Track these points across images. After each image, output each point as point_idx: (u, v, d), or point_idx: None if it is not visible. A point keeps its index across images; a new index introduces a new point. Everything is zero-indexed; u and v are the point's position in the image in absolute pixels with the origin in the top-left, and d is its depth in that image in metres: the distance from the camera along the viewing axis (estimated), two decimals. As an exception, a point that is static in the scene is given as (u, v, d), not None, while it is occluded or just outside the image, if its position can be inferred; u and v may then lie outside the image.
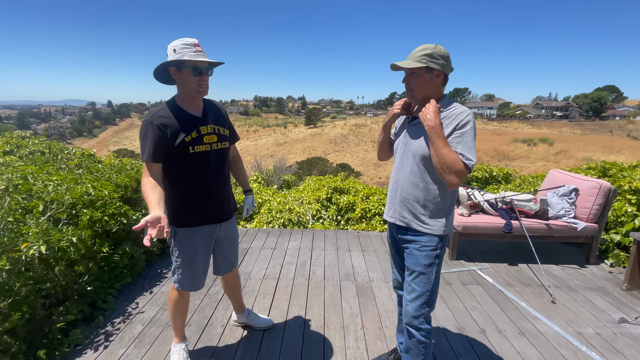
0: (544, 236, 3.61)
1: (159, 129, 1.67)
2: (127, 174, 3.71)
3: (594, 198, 3.51)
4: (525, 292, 3.09)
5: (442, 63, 1.57)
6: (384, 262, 3.68)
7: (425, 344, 1.74)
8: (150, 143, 1.67)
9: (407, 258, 1.76)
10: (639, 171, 4.37)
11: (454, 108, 1.61)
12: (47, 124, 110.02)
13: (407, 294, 1.75)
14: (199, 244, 1.92)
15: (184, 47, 1.65)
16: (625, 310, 2.83)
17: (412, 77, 1.62)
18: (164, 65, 1.70)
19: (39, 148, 4.39)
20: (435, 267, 1.71)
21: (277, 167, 12.26)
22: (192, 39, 1.68)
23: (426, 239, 1.69)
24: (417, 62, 1.57)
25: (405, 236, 1.76)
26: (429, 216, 1.68)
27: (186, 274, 1.94)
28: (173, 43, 1.67)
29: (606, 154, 43.77)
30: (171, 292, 2.05)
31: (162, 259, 3.59)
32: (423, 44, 1.60)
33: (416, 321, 1.72)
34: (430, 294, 1.72)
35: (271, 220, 5.11)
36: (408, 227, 1.73)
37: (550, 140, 52.77)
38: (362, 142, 66.78)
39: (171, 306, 2.05)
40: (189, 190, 1.82)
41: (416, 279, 1.72)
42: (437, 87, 1.63)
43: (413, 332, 1.74)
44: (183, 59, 1.64)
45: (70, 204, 2.71)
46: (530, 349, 2.33)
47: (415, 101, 1.69)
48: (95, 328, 2.44)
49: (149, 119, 1.69)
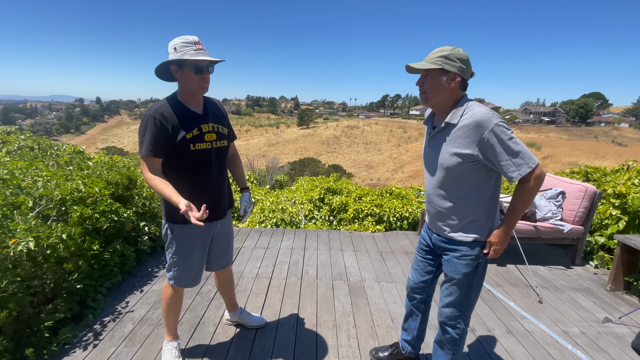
0: (531, 237, 3.69)
1: (161, 124, 1.67)
2: (119, 171, 3.66)
3: (580, 201, 3.61)
4: (513, 292, 3.16)
5: (460, 66, 1.47)
6: (376, 262, 3.71)
7: (458, 341, 1.75)
8: (152, 138, 1.66)
9: (445, 265, 1.72)
10: (621, 176, 4.51)
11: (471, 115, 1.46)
12: (33, 120, 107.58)
13: (444, 296, 1.74)
14: (196, 240, 1.92)
15: (184, 46, 1.64)
16: (610, 310, 2.91)
17: (426, 79, 1.53)
18: (165, 63, 1.69)
19: (28, 144, 4.30)
20: (475, 274, 1.65)
21: (270, 167, 12.23)
22: (192, 37, 1.67)
23: (466, 248, 1.62)
24: (432, 63, 1.49)
25: (444, 244, 1.70)
26: (464, 226, 1.61)
27: (182, 270, 1.94)
28: (174, 41, 1.66)
29: (591, 159, 44.89)
30: (165, 289, 2.03)
31: (153, 258, 3.55)
32: (441, 46, 1.52)
33: (452, 322, 1.73)
34: (470, 299, 1.69)
35: (264, 220, 5.11)
36: (447, 237, 1.67)
37: (537, 144, 53.88)
38: (354, 144, 67.08)
39: (164, 303, 2.04)
40: (187, 187, 1.81)
41: (454, 285, 1.68)
42: (453, 91, 1.52)
43: (448, 329, 1.75)
44: (184, 58, 1.63)
45: (59, 200, 2.67)
46: (518, 347, 2.38)
47: (430, 105, 1.62)
48: (85, 327, 2.40)
49: (150, 114, 1.67)
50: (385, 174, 48.60)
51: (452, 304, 1.71)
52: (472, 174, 1.53)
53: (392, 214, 4.91)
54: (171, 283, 1.98)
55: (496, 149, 1.43)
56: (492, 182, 1.57)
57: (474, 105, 1.49)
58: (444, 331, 1.78)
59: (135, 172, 3.96)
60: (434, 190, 1.66)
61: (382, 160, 56.33)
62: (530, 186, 1.45)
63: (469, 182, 1.55)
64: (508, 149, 1.42)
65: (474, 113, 1.45)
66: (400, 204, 5.07)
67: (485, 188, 1.56)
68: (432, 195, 1.68)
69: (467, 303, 1.70)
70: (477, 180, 1.54)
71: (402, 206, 5.01)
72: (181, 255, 1.91)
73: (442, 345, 1.83)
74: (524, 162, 1.42)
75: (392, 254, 3.95)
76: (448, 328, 1.75)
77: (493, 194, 1.59)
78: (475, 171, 1.53)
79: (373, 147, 64.43)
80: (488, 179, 1.55)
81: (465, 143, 1.47)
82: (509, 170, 1.43)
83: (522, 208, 1.50)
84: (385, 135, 70.70)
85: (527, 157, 1.42)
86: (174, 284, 1.97)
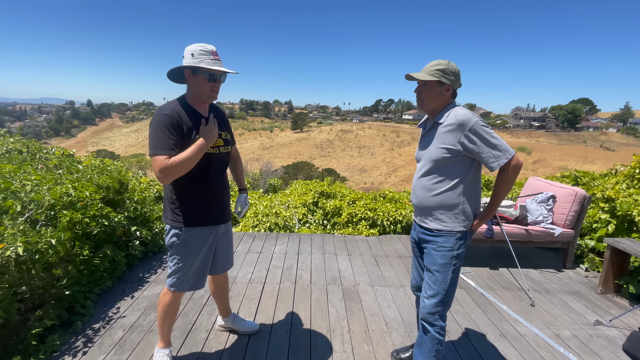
0: (523, 241, 3.73)
1: (177, 123, 1.68)
2: (110, 174, 3.61)
3: (570, 205, 3.66)
4: (506, 295, 3.18)
5: (452, 79, 1.72)
6: (370, 266, 3.71)
7: (439, 341, 1.83)
8: (169, 135, 1.65)
9: (425, 257, 1.89)
10: (610, 180, 4.59)
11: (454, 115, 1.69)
12: (22, 123, 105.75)
13: (425, 291, 1.86)
14: (204, 242, 1.92)
15: (202, 54, 1.68)
16: (600, 312, 2.95)
17: (424, 88, 1.76)
18: (180, 68, 1.73)
19: (17, 147, 4.22)
20: (451, 267, 1.79)
21: (264, 171, 12.20)
22: (210, 46, 1.72)
23: (443, 240, 1.79)
24: (431, 75, 1.71)
25: (424, 236, 1.88)
26: (443, 217, 1.78)
27: (187, 274, 1.92)
28: (192, 47, 1.70)
29: (580, 163, 45.71)
30: (164, 295, 1.99)
31: (144, 263, 3.50)
32: (437, 59, 1.74)
33: (431, 317, 1.82)
34: (446, 293, 1.81)
35: (257, 224, 5.07)
36: (426, 227, 1.85)
37: (528, 149, 54.68)
38: (348, 148, 67.28)
39: (161, 310, 2.00)
40: (194, 191, 1.83)
41: (433, 277, 1.82)
42: (445, 99, 1.76)
43: (428, 327, 1.84)
44: (199, 66, 1.67)
45: (49, 205, 2.61)
46: (511, 350, 2.39)
47: (425, 110, 1.83)
48: (73, 334, 2.35)
49: (166, 113, 1.67)
50: (378, 177, 48.81)
51: (430, 297, 1.84)
52: (453, 167, 1.73)
53: (386, 217, 4.92)
54: (172, 289, 1.95)
55: (477, 143, 1.65)
56: (470, 178, 1.76)
57: (457, 108, 1.74)
58: (425, 330, 1.87)
59: (126, 175, 3.91)
60: (418, 182, 1.86)
61: (376, 164, 56.57)
62: (509, 174, 1.68)
63: (451, 174, 1.74)
64: (488, 143, 1.64)
65: (457, 114, 1.69)
66: (393, 208, 5.09)
67: (464, 182, 1.75)
68: (417, 187, 1.87)
69: (443, 298, 1.81)
70: (458, 174, 1.74)
71: (395, 210, 5.03)
72: (188, 259, 1.89)
73: (423, 347, 1.89)
74: (501, 154, 1.64)
75: (386, 257, 3.96)
76: (427, 326, 1.84)
77: (470, 188, 1.77)
78: (456, 164, 1.73)
79: (366, 151, 64.71)
80: (467, 173, 1.75)
81: (450, 138, 1.69)
82: (490, 161, 1.65)
83: (503, 193, 1.74)
84: (378, 140, 71.08)
85: (504, 149, 1.64)
86: (175, 290, 1.94)
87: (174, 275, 1.92)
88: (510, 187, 1.72)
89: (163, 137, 1.64)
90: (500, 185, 1.73)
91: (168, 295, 1.98)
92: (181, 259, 1.89)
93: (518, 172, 1.68)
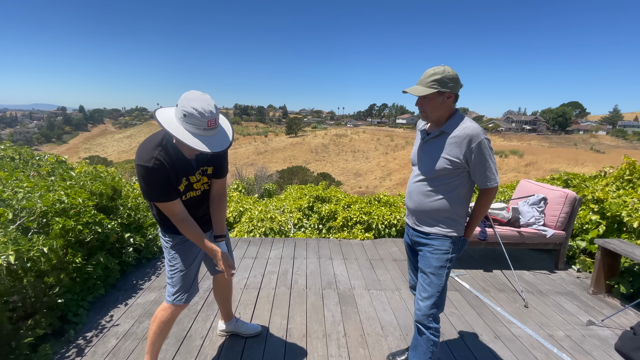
0: (516, 243, 3.77)
1: (164, 177, 1.61)
2: (103, 181, 3.58)
3: (561, 207, 3.72)
4: (500, 297, 3.21)
5: (452, 85, 1.67)
6: (366, 270, 3.71)
7: (434, 342, 1.84)
8: (163, 184, 1.61)
9: (420, 260, 1.91)
10: (599, 182, 4.67)
11: (463, 128, 1.69)
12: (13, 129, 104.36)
13: (419, 294, 1.88)
14: (196, 248, 1.91)
15: (194, 118, 1.46)
16: (593, 313, 2.99)
17: (425, 101, 1.72)
18: (162, 126, 1.51)
19: (8, 153, 4.17)
20: (446, 270, 1.82)
21: (258, 175, 12.16)
22: (209, 107, 1.48)
23: (438, 243, 1.82)
24: (428, 87, 1.66)
25: (419, 239, 1.90)
26: (439, 222, 1.81)
27: (186, 280, 1.89)
28: (188, 104, 1.46)
29: (571, 166, 46.33)
30: (162, 312, 1.89)
31: (138, 270, 3.47)
32: (432, 67, 1.69)
33: (426, 320, 1.83)
34: (440, 295, 1.83)
35: (252, 229, 5.06)
36: (421, 231, 1.87)
37: (520, 152, 55.29)
38: (343, 152, 67.46)
39: (157, 327, 1.89)
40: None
41: (428, 279, 1.84)
42: (448, 107, 1.73)
43: (423, 329, 1.85)
44: (178, 138, 1.47)
45: (41, 212, 2.59)
46: (506, 352, 2.41)
47: (430, 121, 1.81)
48: (66, 343, 2.32)
49: (149, 166, 1.56)
50: (373, 181, 48.94)
51: (425, 299, 1.84)
52: (454, 177, 1.76)
53: (381, 221, 4.94)
54: (176, 302, 1.87)
55: (477, 160, 1.69)
56: (467, 187, 1.81)
57: (467, 120, 1.73)
58: (420, 332, 1.88)
59: (120, 182, 3.89)
60: (417, 187, 1.86)
61: (370, 168, 56.76)
62: (489, 198, 1.79)
63: (450, 184, 1.77)
64: (486, 163, 1.70)
65: (467, 127, 1.69)
66: (388, 212, 5.11)
67: (461, 191, 1.79)
68: (414, 192, 1.88)
69: (437, 300, 1.83)
70: (457, 184, 1.77)
71: (390, 213, 5.05)
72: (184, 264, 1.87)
73: (418, 349, 1.90)
74: (492, 177, 1.73)
75: (381, 261, 3.97)
76: (422, 328, 1.85)
77: (466, 197, 1.82)
78: (457, 175, 1.75)
79: (361, 155, 64.94)
80: (465, 183, 1.79)
81: (456, 151, 1.70)
82: (480, 180, 1.74)
83: (482, 215, 1.85)
84: (372, 144, 71.41)
85: (495, 174, 1.72)
86: (178, 302, 1.87)
87: (174, 287, 1.87)
88: (487, 209, 1.84)
89: (154, 190, 1.62)
90: (481, 208, 1.83)
91: (167, 311, 1.89)
92: (178, 267, 1.87)
93: (494, 197, 1.79)
